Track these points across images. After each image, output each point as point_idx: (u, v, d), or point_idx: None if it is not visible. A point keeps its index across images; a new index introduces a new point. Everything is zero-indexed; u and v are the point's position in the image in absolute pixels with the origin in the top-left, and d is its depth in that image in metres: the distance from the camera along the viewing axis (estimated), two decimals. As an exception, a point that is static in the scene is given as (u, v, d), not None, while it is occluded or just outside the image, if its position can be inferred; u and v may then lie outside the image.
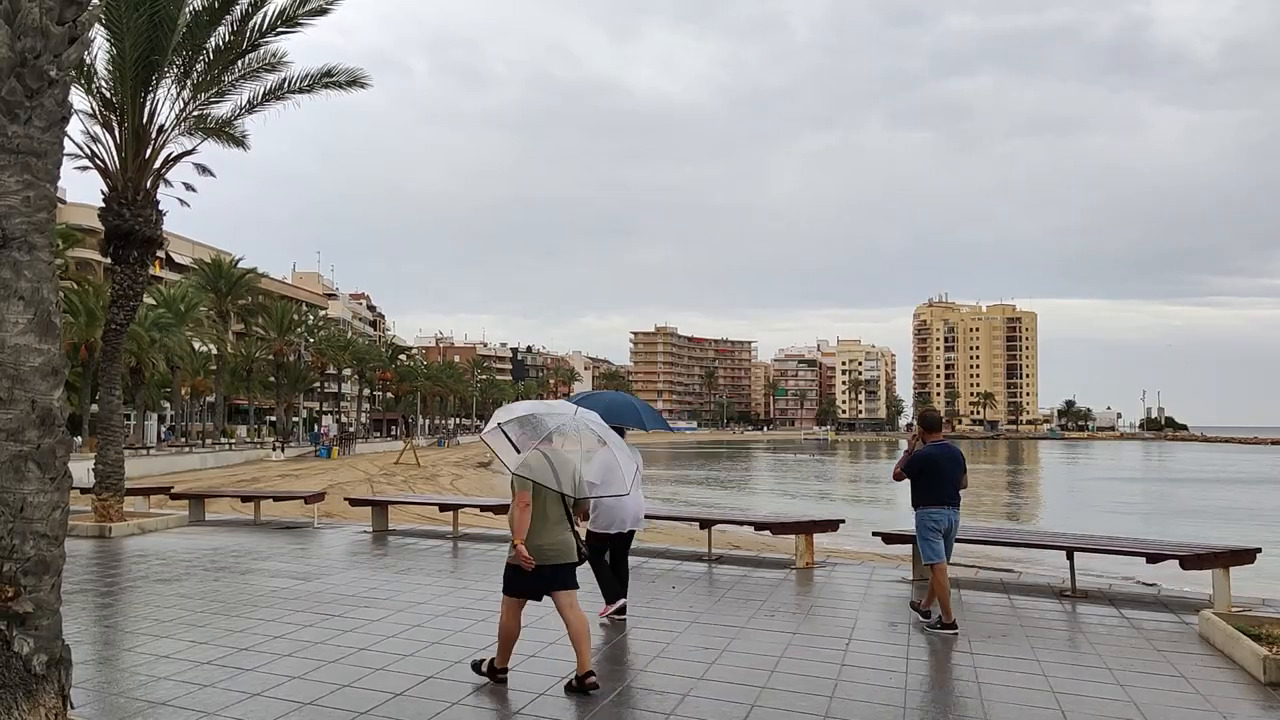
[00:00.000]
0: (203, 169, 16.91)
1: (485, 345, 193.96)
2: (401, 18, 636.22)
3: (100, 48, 14.00)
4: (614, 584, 8.16)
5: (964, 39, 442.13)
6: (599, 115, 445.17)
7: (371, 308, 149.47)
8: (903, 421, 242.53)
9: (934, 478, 7.94)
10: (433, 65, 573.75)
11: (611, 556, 8.33)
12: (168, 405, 70.37)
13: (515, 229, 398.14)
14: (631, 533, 8.47)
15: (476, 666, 6.42)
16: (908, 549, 10.70)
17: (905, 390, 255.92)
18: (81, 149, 14.81)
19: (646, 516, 15.31)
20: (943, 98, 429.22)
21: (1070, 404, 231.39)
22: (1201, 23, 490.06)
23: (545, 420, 6.55)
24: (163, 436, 66.62)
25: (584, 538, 7.06)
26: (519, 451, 6.37)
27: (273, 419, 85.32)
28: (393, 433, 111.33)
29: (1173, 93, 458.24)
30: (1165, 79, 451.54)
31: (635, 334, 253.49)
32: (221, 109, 16.11)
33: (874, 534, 11.63)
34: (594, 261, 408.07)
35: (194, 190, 16.86)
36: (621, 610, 8.12)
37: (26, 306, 4.17)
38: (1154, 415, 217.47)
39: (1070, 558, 9.59)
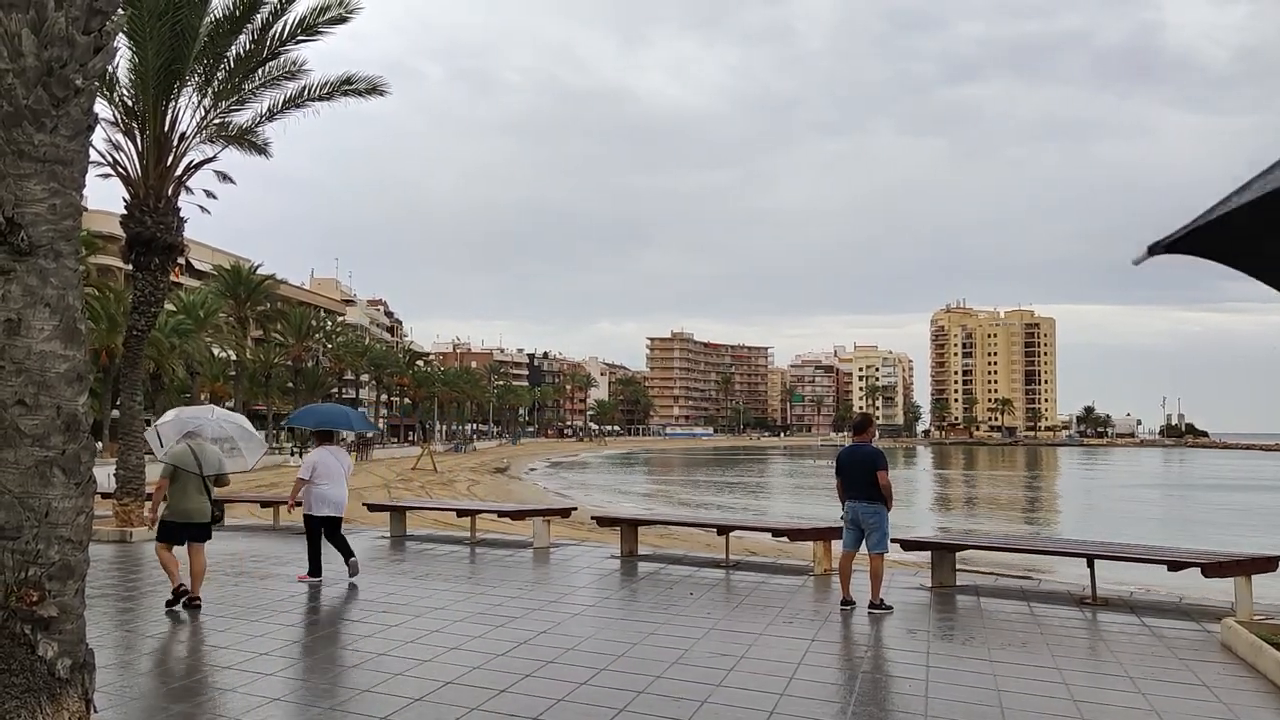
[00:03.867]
0: (224, 176, 17.01)
1: (502, 351, 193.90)
2: (413, 25, 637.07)
3: (123, 56, 14.12)
4: (318, 561, 10.41)
5: (974, 45, 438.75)
6: (611, 122, 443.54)
7: (389, 313, 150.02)
8: (920, 428, 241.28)
9: (839, 476, 9.09)
10: (445, 72, 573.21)
11: (328, 533, 10.47)
12: (187, 411, 70.85)
13: (529, 235, 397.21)
14: (340, 518, 10.61)
15: (170, 604, 8.60)
16: (926, 556, 10.65)
17: (923, 396, 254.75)
18: (104, 156, 14.96)
19: (665, 523, 15.93)
20: (953, 103, 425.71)
21: (1089, 410, 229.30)
22: (1212, 28, 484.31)
23: (189, 421, 9.38)
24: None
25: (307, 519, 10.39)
26: (163, 445, 9.26)
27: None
28: (410, 438, 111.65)
29: (1185, 97, 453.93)
30: (1177, 84, 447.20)
31: (651, 340, 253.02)
32: (242, 117, 16.27)
33: (891, 540, 11.56)
34: (609, 267, 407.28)
35: (215, 198, 16.95)
36: (315, 576, 10.36)
37: (52, 313, 4.20)
38: (1174, 421, 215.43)
39: (1091, 565, 9.54)
